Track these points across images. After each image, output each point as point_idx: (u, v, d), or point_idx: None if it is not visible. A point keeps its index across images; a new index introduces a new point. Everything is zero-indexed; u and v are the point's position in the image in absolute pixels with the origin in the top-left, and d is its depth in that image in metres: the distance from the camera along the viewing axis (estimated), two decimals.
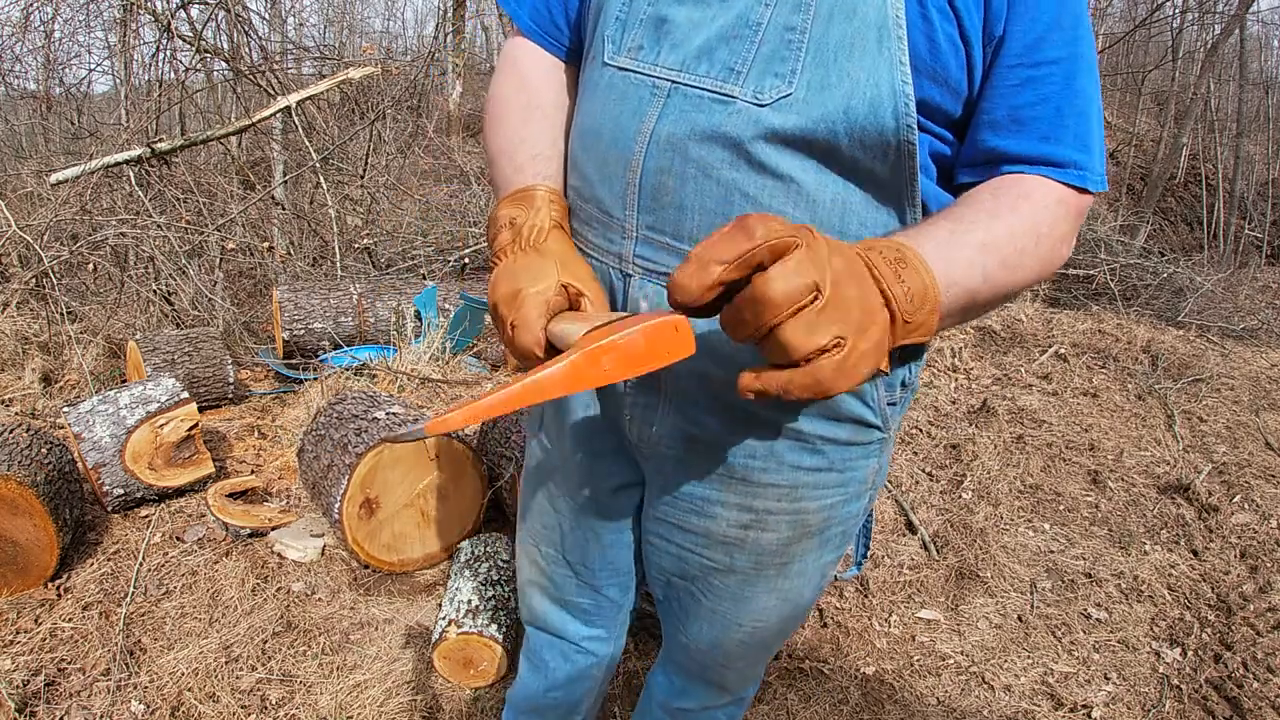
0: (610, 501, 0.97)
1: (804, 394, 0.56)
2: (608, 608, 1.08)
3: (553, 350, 0.72)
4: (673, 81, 0.73)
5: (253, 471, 2.58)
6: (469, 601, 1.73)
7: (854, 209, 0.71)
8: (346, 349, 3.67)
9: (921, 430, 3.10)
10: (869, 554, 1.53)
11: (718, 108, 0.70)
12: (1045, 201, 0.69)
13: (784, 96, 0.68)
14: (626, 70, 0.76)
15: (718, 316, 0.60)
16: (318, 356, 3.64)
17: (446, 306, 3.83)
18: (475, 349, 3.82)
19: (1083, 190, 0.70)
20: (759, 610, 0.92)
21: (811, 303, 0.54)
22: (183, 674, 1.62)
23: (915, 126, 0.68)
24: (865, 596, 2.09)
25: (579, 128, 0.82)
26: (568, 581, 1.06)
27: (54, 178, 3.93)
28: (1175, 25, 11.44)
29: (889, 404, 0.81)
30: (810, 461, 0.81)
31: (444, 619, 1.70)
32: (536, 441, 1.02)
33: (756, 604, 0.91)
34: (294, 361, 3.65)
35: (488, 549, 1.92)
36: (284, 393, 3.36)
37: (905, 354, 0.80)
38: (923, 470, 2.80)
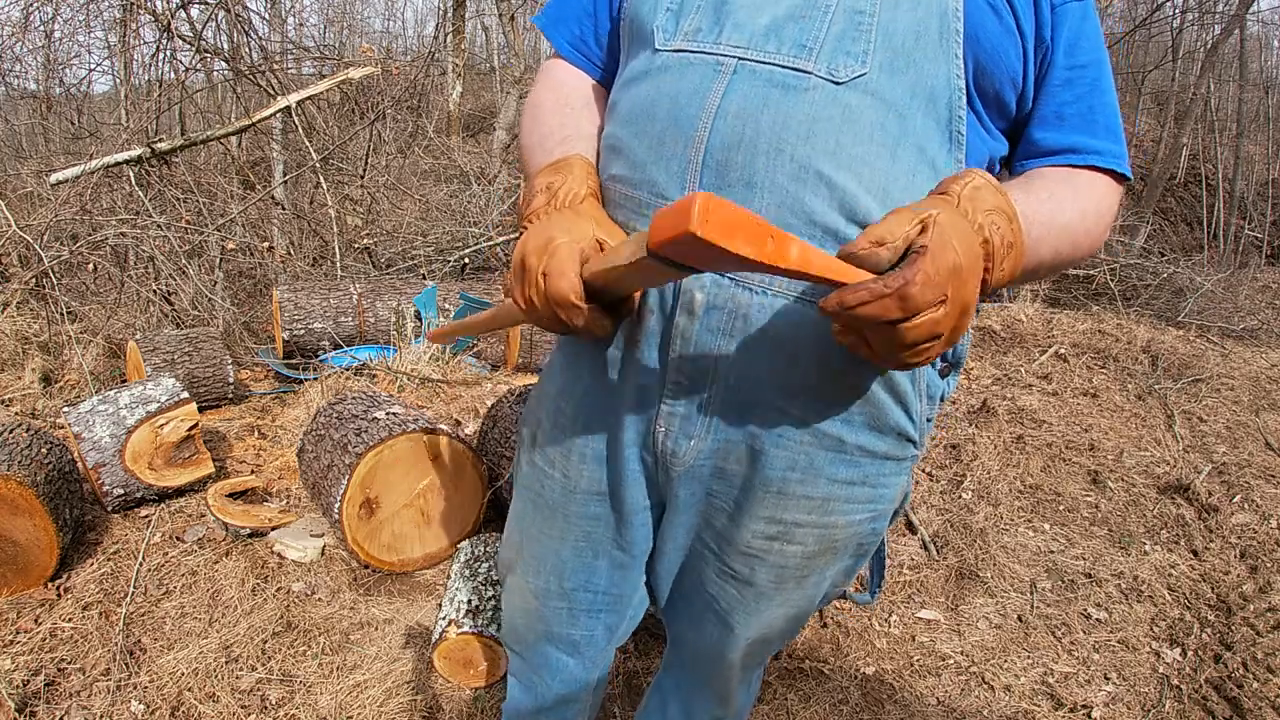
0: (619, 529, 0.91)
1: (899, 368, 0.66)
2: (599, 638, 1.03)
3: (592, 299, 0.68)
4: (739, 58, 0.72)
5: (253, 471, 2.58)
6: (469, 601, 1.73)
7: (920, 189, 0.74)
8: (346, 349, 3.67)
9: None
10: (885, 581, 1.53)
11: (792, 82, 0.70)
12: (1103, 189, 0.76)
13: (860, 75, 0.70)
14: (684, 51, 0.75)
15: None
16: (318, 356, 3.65)
17: (446, 306, 3.83)
18: (475, 349, 3.82)
19: (1120, 177, 0.77)
20: (770, 619, 0.91)
21: (936, 308, 0.60)
22: (183, 674, 1.62)
23: (964, 117, 0.73)
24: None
25: (624, 113, 0.80)
26: (559, 615, 1.00)
27: (54, 178, 3.93)
28: (1175, 25, 11.44)
29: (927, 419, 0.83)
30: (845, 474, 0.80)
31: (444, 619, 1.70)
32: (530, 465, 0.95)
33: (769, 615, 0.90)
34: (294, 361, 3.65)
35: (488, 549, 1.92)
36: (284, 393, 3.36)
37: (945, 369, 0.83)
38: (923, 470, 2.80)
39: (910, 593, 2.13)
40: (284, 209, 5.47)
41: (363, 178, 5.68)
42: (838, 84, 0.69)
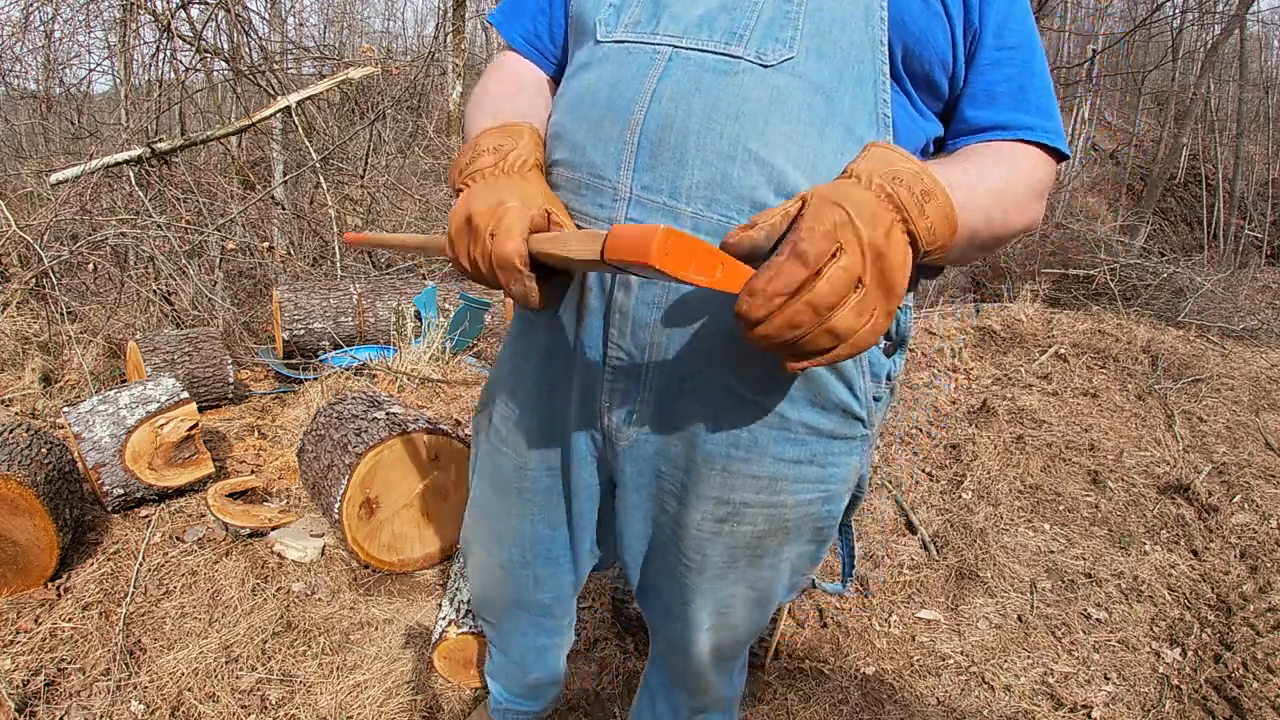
0: (570, 502, 0.96)
1: (842, 359, 0.64)
2: (565, 595, 1.08)
3: (535, 266, 0.69)
4: (674, 46, 0.75)
5: (253, 471, 2.58)
6: (469, 601, 1.73)
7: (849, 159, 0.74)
8: (346, 349, 3.67)
9: (921, 430, 3.10)
10: (855, 572, 1.54)
11: (723, 67, 0.74)
12: (1034, 161, 0.77)
13: (787, 59, 0.73)
14: (624, 42, 0.79)
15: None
16: (318, 356, 3.64)
17: (446, 306, 3.83)
18: (475, 349, 3.82)
19: (1055, 152, 0.78)
20: (727, 598, 0.92)
21: (853, 294, 0.60)
22: (183, 674, 1.62)
23: (889, 100, 0.75)
24: (865, 596, 2.09)
25: (568, 99, 0.83)
26: (526, 583, 1.06)
27: (54, 178, 3.93)
28: (1175, 25, 11.44)
29: (874, 397, 0.83)
30: (792, 453, 0.81)
31: (444, 619, 1.70)
32: (486, 446, 1.00)
33: (725, 592, 0.91)
34: (294, 361, 3.65)
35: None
36: (284, 393, 3.36)
37: (889, 348, 0.83)
38: (923, 470, 2.81)
39: (910, 593, 2.13)
40: (284, 209, 5.47)
41: (363, 178, 5.68)
42: (766, 67, 0.72)
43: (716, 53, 0.74)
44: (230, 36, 5.62)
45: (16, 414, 2.90)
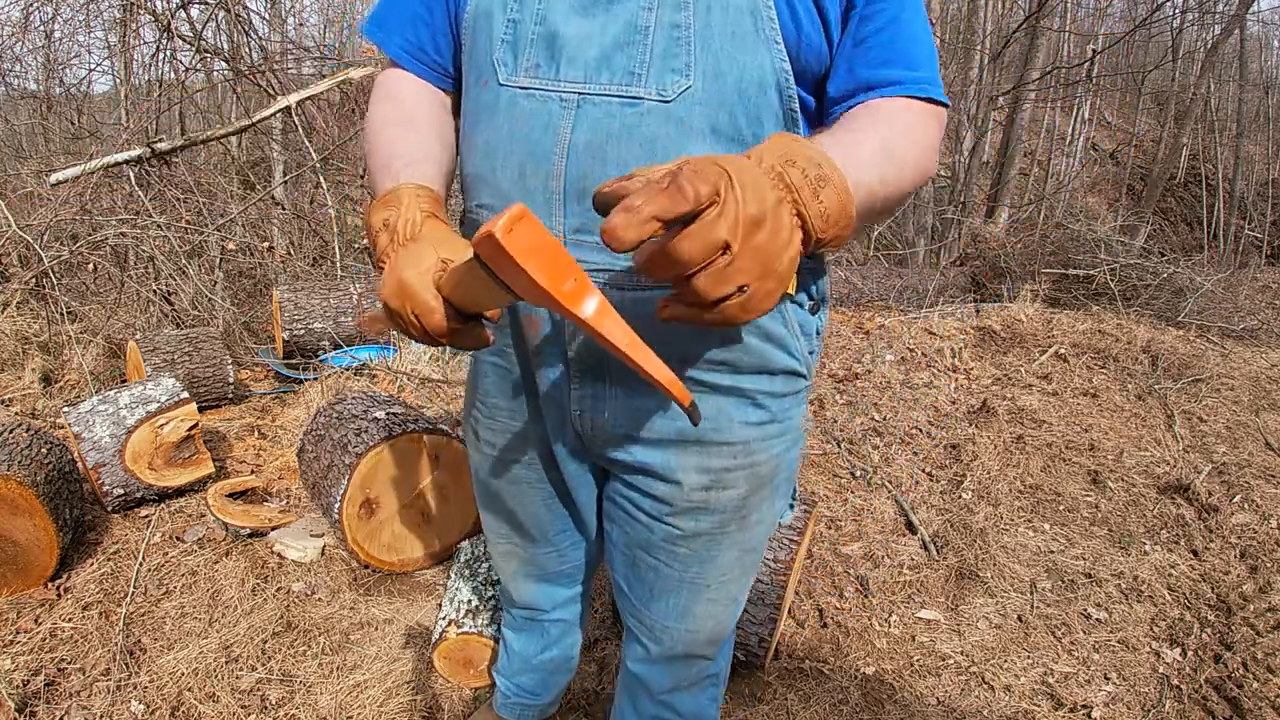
0: (573, 489, 1.03)
1: (716, 326, 0.61)
2: (585, 559, 1.19)
3: (462, 317, 0.69)
4: (579, 93, 0.77)
5: (253, 471, 2.58)
6: (469, 601, 1.73)
7: None
8: (346, 349, 3.67)
9: (921, 430, 3.10)
10: (797, 498, 1.76)
11: (628, 110, 0.76)
12: (910, 112, 0.77)
13: (686, 89, 0.75)
14: (529, 89, 0.79)
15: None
16: (318, 356, 3.64)
17: None
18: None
19: (932, 101, 0.78)
20: (724, 565, 0.98)
21: (721, 257, 0.56)
22: (183, 674, 1.62)
23: (795, 95, 0.77)
24: (865, 596, 2.09)
25: (483, 149, 0.83)
26: (550, 557, 1.16)
27: (54, 178, 3.93)
28: (1175, 25, 11.44)
29: (809, 352, 0.91)
30: (756, 416, 0.88)
31: (444, 619, 1.70)
32: (477, 452, 1.08)
33: (722, 559, 0.97)
34: (294, 361, 3.65)
35: (488, 549, 1.92)
36: (284, 393, 3.36)
37: (813, 306, 0.89)
38: (923, 470, 2.81)
39: (910, 593, 2.13)
40: (284, 209, 5.47)
41: (363, 178, 5.68)
42: (668, 102, 0.75)
43: (619, 96, 0.75)
44: (230, 36, 5.62)
45: (16, 414, 2.90)
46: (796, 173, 0.60)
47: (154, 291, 3.92)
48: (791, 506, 1.10)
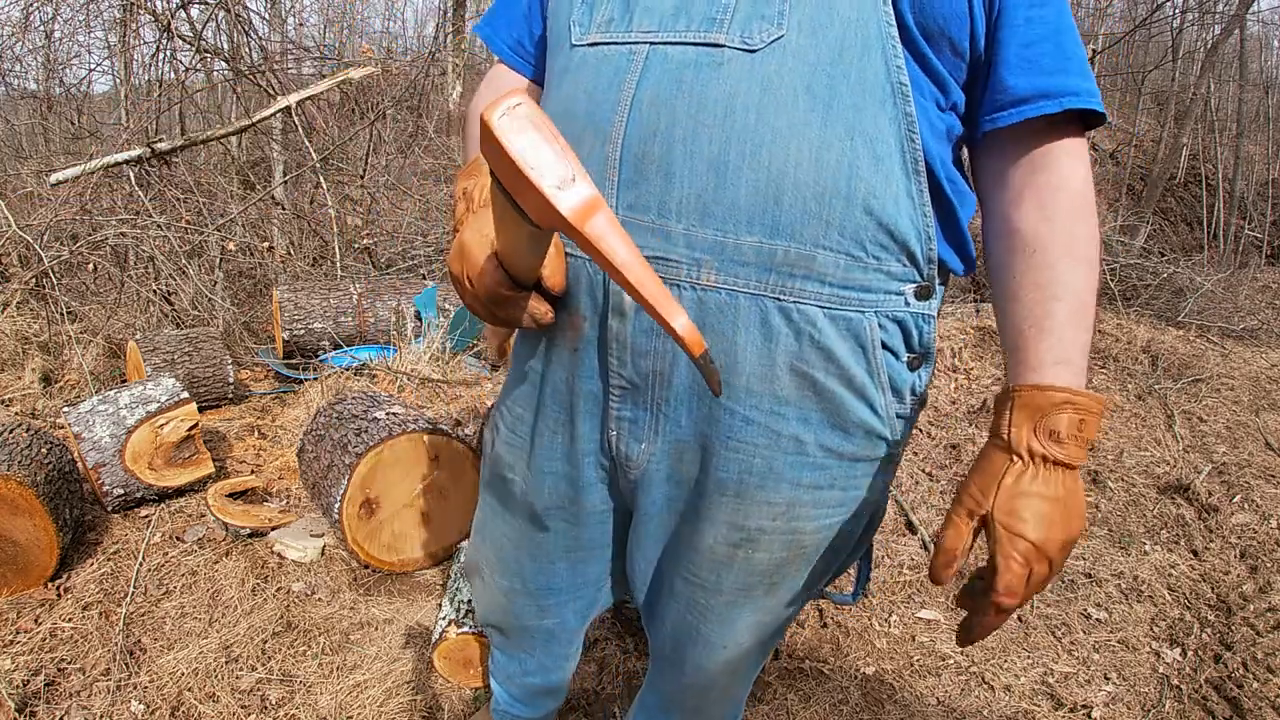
0: (576, 530, 0.92)
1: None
2: (570, 621, 1.05)
3: (523, 286, 0.68)
4: (651, 43, 0.68)
5: (253, 471, 2.58)
6: (469, 601, 1.73)
7: (861, 173, 0.66)
8: (346, 349, 3.67)
9: (921, 430, 3.10)
10: (870, 583, 1.50)
11: (704, 59, 0.66)
12: (1075, 173, 0.69)
13: (776, 39, 0.65)
14: (598, 44, 0.72)
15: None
16: (318, 356, 3.64)
17: (446, 306, 3.82)
18: (475, 349, 3.81)
19: (1092, 115, 0.69)
20: (743, 629, 0.87)
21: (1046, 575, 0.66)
22: (183, 674, 1.62)
23: (904, 68, 0.65)
24: (865, 597, 2.09)
25: (551, 116, 0.80)
26: (528, 610, 1.03)
27: (54, 178, 3.93)
28: (1175, 25, 11.43)
29: (898, 415, 0.75)
30: (810, 478, 0.74)
31: (444, 619, 1.70)
32: (492, 469, 0.97)
33: (741, 623, 0.86)
34: (294, 361, 3.65)
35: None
36: (284, 393, 3.36)
37: (913, 361, 0.75)
38: (923, 470, 2.80)
39: (910, 593, 2.13)
40: (284, 209, 5.47)
41: (363, 178, 5.68)
42: (753, 52, 0.65)
43: (697, 43, 0.66)
44: (230, 36, 5.61)
45: (16, 414, 2.89)
46: (1072, 447, 0.65)
47: (154, 291, 3.92)
48: (858, 593, 0.89)
